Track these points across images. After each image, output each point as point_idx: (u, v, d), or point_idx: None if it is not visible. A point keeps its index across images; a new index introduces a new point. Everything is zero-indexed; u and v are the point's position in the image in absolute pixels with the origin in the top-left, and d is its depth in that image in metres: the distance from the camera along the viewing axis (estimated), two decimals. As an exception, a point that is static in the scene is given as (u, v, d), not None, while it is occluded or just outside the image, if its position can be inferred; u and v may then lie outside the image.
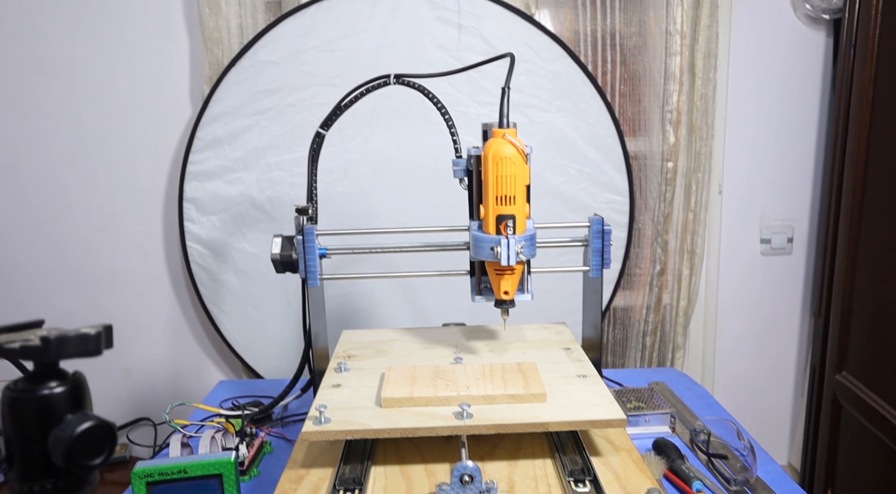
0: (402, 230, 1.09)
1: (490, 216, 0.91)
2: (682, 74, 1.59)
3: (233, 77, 1.58)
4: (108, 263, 1.73)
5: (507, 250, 0.89)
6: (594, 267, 1.03)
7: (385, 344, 1.09)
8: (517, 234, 0.91)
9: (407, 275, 1.10)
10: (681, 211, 1.67)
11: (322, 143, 1.13)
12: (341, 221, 1.63)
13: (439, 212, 1.60)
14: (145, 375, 1.78)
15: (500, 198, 0.90)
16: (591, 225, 1.02)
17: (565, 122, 1.61)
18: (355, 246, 1.06)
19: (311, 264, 1.02)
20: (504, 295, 0.94)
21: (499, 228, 0.91)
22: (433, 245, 1.06)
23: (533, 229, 0.94)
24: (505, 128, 0.91)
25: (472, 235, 0.94)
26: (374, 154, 1.62)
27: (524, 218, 0.92)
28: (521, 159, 0.90)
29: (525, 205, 0.92)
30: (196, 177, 1.61)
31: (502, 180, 0.90)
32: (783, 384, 1.80)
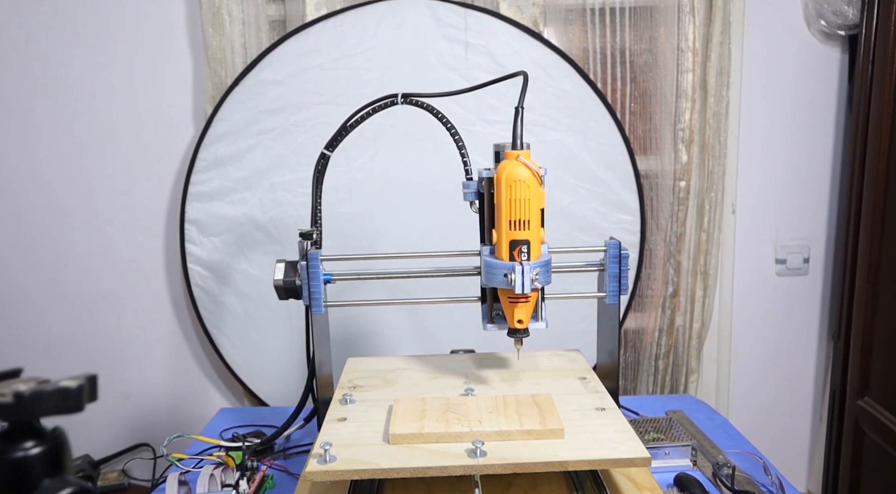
0: (409, 255, 1.04)
1: (503, 242, 0.87)
2: (694, 91, 1.55)
3: (236, 96, 1.54)
4: (108, 285, 1.68)
5: (521, 277, 0.84)
6: (611, 293, 0.98)
7: (392, 373, 1.04)
8: (532, 260, 0.86)
9: (416, 302, 1.05)
10: (693, 231, 1.63)
11: (327, 164, 1.09)
12: (345, 242, 1.58)
13: (446, 233, 1.55)
14: (145, 399, 1.72)
15: (514, 222, 0.86)
16: (608, 249, 0.98)
17: (574, 140, 1.57)
18: (361, 271, 1.02)
19: (315, 290, 0.97)
20: (518, 324, 0.89)
21: (512, 254, 0.86)
22: (442, 270, 1.01)
23: (548, 254, 0.90)
24: (519, 149, 0.87)
25: (483, 260, 0.90)
26: (379, 174, 1.58)
27: (539, 243, 0.88)
28: (536, 182, 0.86)
29: (540, 229, 0.88)
30: (198, 198, 1.57)
31: (516, 204, 0.85)
32: (800, 408, 1.74)
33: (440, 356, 1.11)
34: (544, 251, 0.90)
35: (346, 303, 1.04)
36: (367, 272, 1.01)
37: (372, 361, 1.10)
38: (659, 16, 1.58)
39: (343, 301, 1.04)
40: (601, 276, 1.01)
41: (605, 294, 0.99)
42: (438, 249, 1.61)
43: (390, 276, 1.01)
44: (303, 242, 1.00)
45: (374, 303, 1.03)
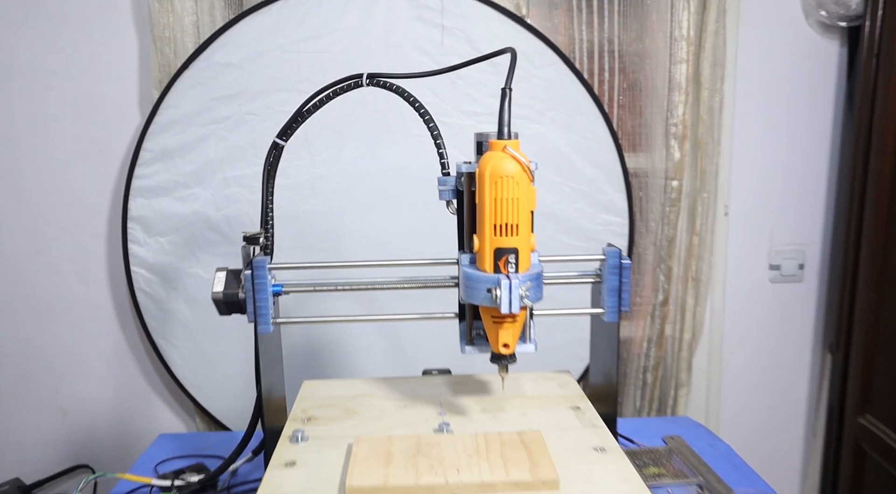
0: (375, 264, 0.87)
1: (486, 250, 0.70)
2: (688, 83, 1.41)
3: (186, 81, 1.36)
4: (43, 290, 1.48)
5: (508, 293, 0.68)
6: (609, 309, 0.82)
7: (354, 401, 0.87)
8: (520, 272, 0.70)
9: (382, 319, 0.88)
10: (685, 234, 1.48)
11: (280, 156, 0.92)
12: (308, 242, 1.41)
13: (421, 234, 1.39)
14: (84, 416, 1.53)
15: (500, 227, 0.70)
16: (607, 258, 0.82)
17: (559, 135, 1.41)
18: (320, 281, 0.85)
19: (262, 304, 0.80)
20: (503, 349, 0.73)
21: (497, 264, 0.70)
22: (414, 281, 0.85)
23: (539, 265, 0.74)
24: (506, 139, 0.71)
25: (462, 272, 0.73)
26: (345, 168, 1.40)
27: (529, 252, 0.72)
28: (526, 178, 0.70)
29: (530, 235, 0.72)
30: (142, 193, 1.38)
31: (502, 205, 0.69)
32: (793, 422, 1.61)
33: (410, 378, 0.95)
34: (535, 261, 0.74)
35: (301, 320, 0.87)
36: (327, 282, 0.85)
37: (331, 385, 0.93)
38: (651, 1, 1.43)
39: (297, 318, 0.87)
40: (596, 289, 0.86)
41: (603, 311, 0.83)
42: (413, 252, 1.44)
43: (353, 287, 0.84)
44: (248, 247, 0.82)
45: (334, 320, 0.85)
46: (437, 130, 0.82)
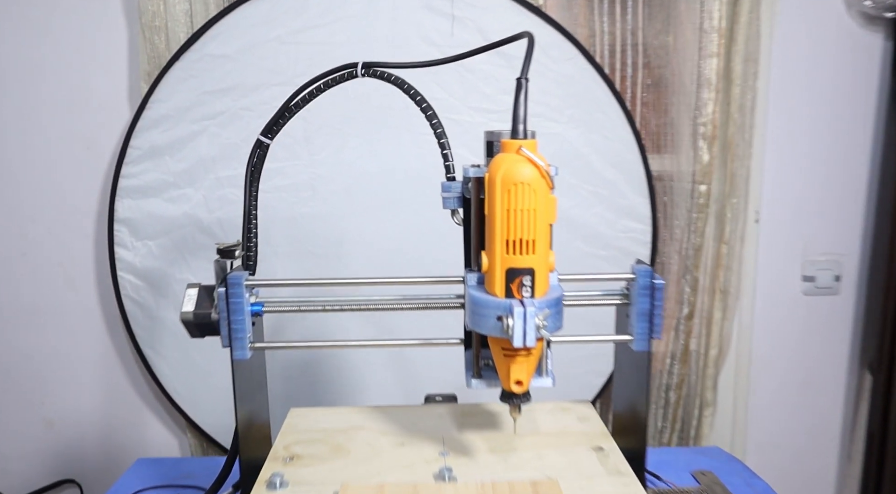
0: (370, 282, 0.75)
1: (497, 270, 0.59)
2: (718, 79, 1.28)
3: (176, 73, 1.25)
4: (29, 294, 1.38)
5: (522, 323, 0.56)
6: (639, 336, 0.70)
7: (345, 435, 0.76)
8: (537, 297, 0.58)
9: (377, 345, 0.77)
10: (712, 243, 1.35)
11: (265, 155, 0.81)
12: (307, 247, 1.30)
13: (427, 239, 1.27)
14: (71, 427, 1.43)
15: (513, 243, 0.58)
16: (637, 277, 0.70)
17: (577, 134, 1.29)
18: (305, 299, 0.73)
19: (237, 326, 0.68)
20: (516, 386, 0.61)
21: (509, 287, 0.58)
22: (414, 301, 0.73)
23: (559, 288, 0.62)
24: (521, 138, 0.59)
25: (469, 295, 0.62)
26: (346, 168, 1.29)
27: (547, 272, 0.60)
28: (545, 185, 0.58)
29: (549, 253, 0.60)
30: (130, 193, 1.28)
31: (517, 217, 0.57)
32: (827, 446, 1.48)
33: (410, 408, 0.83)
34: (554, 283, 0.62)
35: (285, 345, 0.76)
36: (314, 301, 0.73)
37: (320, 414, 0.81)
38: (678, -10, 1.31)
39: (280, 342, 0.76)
40: (623, 311, 0.73)
41: (631, 338, 0.71)
42: (419, 259, 1.34)
43: (344, 307, 0.72)
44: (222, 261, 0.71)
45: (320, 346, 0.74)
46: (441, 128, 0.70)
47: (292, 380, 1.32)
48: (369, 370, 1.32)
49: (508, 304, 0.57)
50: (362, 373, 1.32)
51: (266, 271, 1.34)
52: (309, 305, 0.72)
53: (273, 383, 1.34)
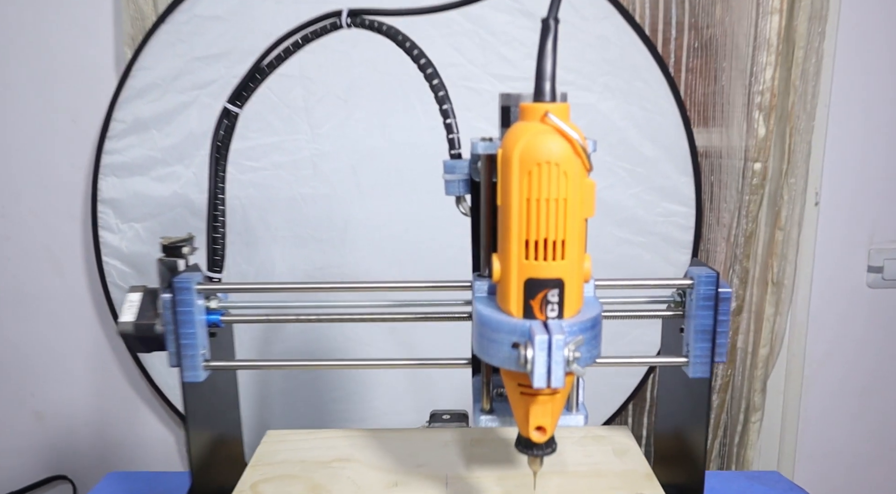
0: (354, 286, 0.59)
1: (513, 280, 0.42)
2: (779, 41, 1.08)
3: (163, 37, 1.09)
4: (13, 280, 1.26)
5: (545, 356, 0.40)
6: (697, 360, 0.53)
7: (327, 469, 0.61)
8: (566, 317, 0.42)
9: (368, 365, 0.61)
10: (765, 228, 1.17)
11: (233, 127, 0.65)
12: (307, 231, 1.15)
13: (441, 223, 1.11)
14: (62, 420, 1.31)
15: (536, 245, 0.41)
16: (695, 284, 0.53)
17: (613, 105, 1.11)
18: (277, 306, 0.58)
19: (188, 342, 0.53)
20: (536, 433, 0.45)
21: (529, 304, 0.42)
22: (412, 309, 0.57)
23: (597, 304, 0.45)
24: (546, 100, 0.42)
25: (476, 311, 0.46)
26: (351, 145, 1.13)
27: (580, 283, 0.43)
28: (579, 165, 0.41)
29: (583, 258, 0.43)
30: (114, 171, 1.14)
31: (540, 209, 0.41)
32: (888, 458, 1.30)
33: (410, 433, 0.67)
34: (590, 297, 0.46)
35: (250, 363, 0.61)
36: (287, 307, 0.58)
37: (301, 440, 0.66)
38: (733, -63, 1.11)
39: (245, 361, 0.61)
40: (671, 326, 0.57)
41: (686, 360, 0.54)
42: (432, 246, 1.18)
43: (322, 317, 0.57)
44: (168, 261, 0.55)
45: (296, 365, 0.58)
46: (444, 90, 0.54)
47: (293, 377, 1.19)
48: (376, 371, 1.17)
49: (527, 328, 0.41)
50: (369, 372, 1.18)
51: (263, 258, 1.20)
52: (280, 315, 0.56)
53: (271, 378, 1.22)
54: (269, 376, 1.20)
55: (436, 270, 1.12)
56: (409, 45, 0.54)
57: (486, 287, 0.47)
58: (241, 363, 0.58)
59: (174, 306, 0.52)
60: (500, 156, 0.42)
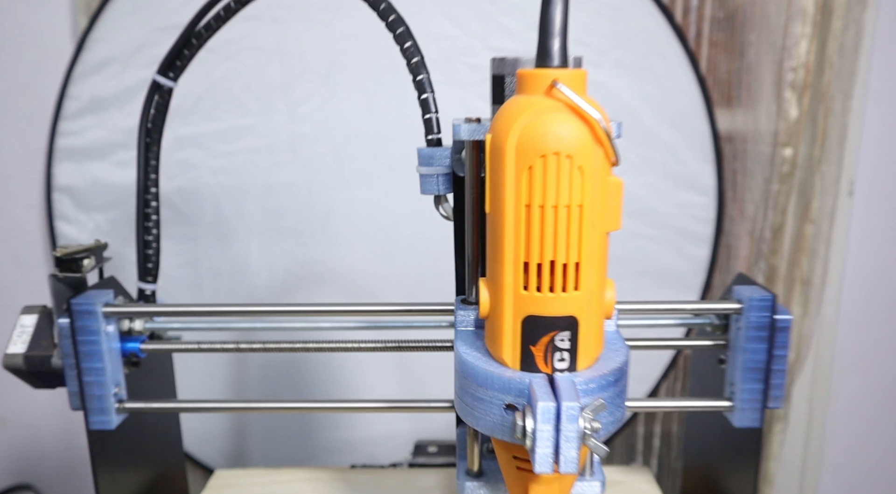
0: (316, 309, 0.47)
1: (506, 318, 0.30)
2: (816, 10, 0.94)
3: (121, 4, 0.96)
4: (-32, 273, 1.14)
5: (552, 431, 0.28)
6: (744, 404, 0.41)
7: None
8: (581, 368, 0.30)
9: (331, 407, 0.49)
10: (794, 221, 1.04)
11: (167, 104, 0.53)
12: (286, 223, 1.03)
13: (431, 216, 0.98)
14: (25, 426, 1.20)
15: (540, 268, 0.29)
16: (744, 308, 0.40)
17: (626, 83, 0.97)
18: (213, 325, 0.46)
19: (94, 379, 0.41)
20: (537, 524, 0.33)
21: (529, 351, 0.30)
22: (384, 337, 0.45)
23: (621, 345, 0.33)
24: (555, 65, 0.29)
25: (457, 354, 0.33)
26: (335, 126, 1.00)
27: (600, 322, 0.31)
28: (602, 158, 0.28)
29: (604, 285, 0.31)
30: (70, 155, 1.01)
31: (546, 219, 0.28)
32: (920, 469, 1.19)
33: (384, 473, 0.56)
34: (611, 333, 0.33)
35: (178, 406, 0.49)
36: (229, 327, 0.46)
37: (253, 481, 0.54)
38: None
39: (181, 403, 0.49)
40: (706, 358, 0.45)
41: (730, 405, 0.42)
42: (425, 237, 1.07)
43: (269, 346, 0.44)
44: (67, 278, 0.43)
45: (246, 408, 0.46)
46: (420, 56, 0.41)
47: (273, 381, 1.07)
48: (363, 371, 1.05)
49: (526, 385, 0.29)
50: (354, 373, 1.06)
51: (237, 252, 1.08)
52: (223, 346, 0.44)
53: (250, 379, 1.10)
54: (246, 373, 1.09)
55: (431, 267, 1.00)
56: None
57: (473, 319, 0.35)
58: (169, 404, 0.46)
59: (74, 335, 0.40)
60: (488, 144, 0.30)
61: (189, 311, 0.44)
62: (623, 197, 0.30)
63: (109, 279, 0.46)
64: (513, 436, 0.30)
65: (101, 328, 0.41)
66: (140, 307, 0.43)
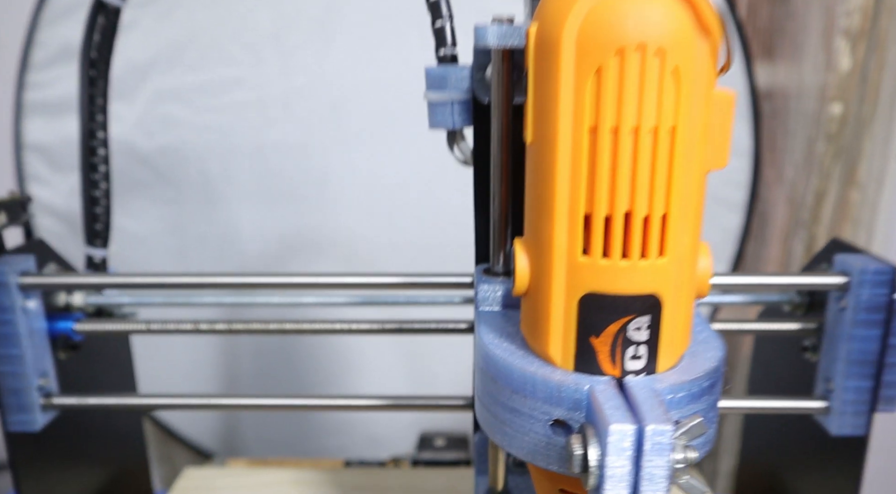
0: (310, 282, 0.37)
1: (554, 295, 0.20)
2: (875, -56, 0.83)
3: (93, -61, 0.85)
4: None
5: (629, 467, 0.18)
6: (846, 409, 0.32)
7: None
8: (662, 369, 0.20)
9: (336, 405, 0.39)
10: (838, 185, 0.94)
11: (114, 30, 0.43)
12: (278, 187, 0.93)
13: (442, 174, 0.88)
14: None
15: (608, 223, 0.19)
16: (853, 283, 0.31)
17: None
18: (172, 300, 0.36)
19: (10, 369, 0.32)
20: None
21: (589, 344, 0.20)
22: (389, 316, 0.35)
23: (712, 334, 0.23)
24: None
25: (480, 346, 0.24)
26: (331, 79, 0.90)
27: (692, 302, 0.21)
28: (708, 58, 0.18)
29: (698, 248, 0.21)
30: (40, 110, 0.91)
31: (620, 148, 0.18)
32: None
33: (381, 472, 0.47)
34: (701, 324, 0.23)
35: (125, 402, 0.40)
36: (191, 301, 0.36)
37: (228, 480, 0.46)
38: None
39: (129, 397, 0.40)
40: (784, 346, 0.35)
41: (825, 406, 0.32)
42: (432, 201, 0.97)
43: (234, 326, 0.35)
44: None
45: (211, 405, 0.36)
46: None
47: (265, 356, 0.99)
48: (365, 354, 0.96)
49: (584, 395, 0.19)
50: (355, 355, 0.97)
51: (226, 219, 0.97)
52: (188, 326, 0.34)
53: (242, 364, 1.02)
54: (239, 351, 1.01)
55: (441, 236, 0.90)
56: None
57: (500, 295, 0.25)
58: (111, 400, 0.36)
59: (-19, 314, 0.31)
60: (532, 39, 0.20)
61: (140, 282, 0.35)
62: (733, 121, 0.20)
63: (36, 243, 0.37)
64: (564, 466, 0.20)
65: (17, 303, 0.31)
66: (70, 278, 0.34)
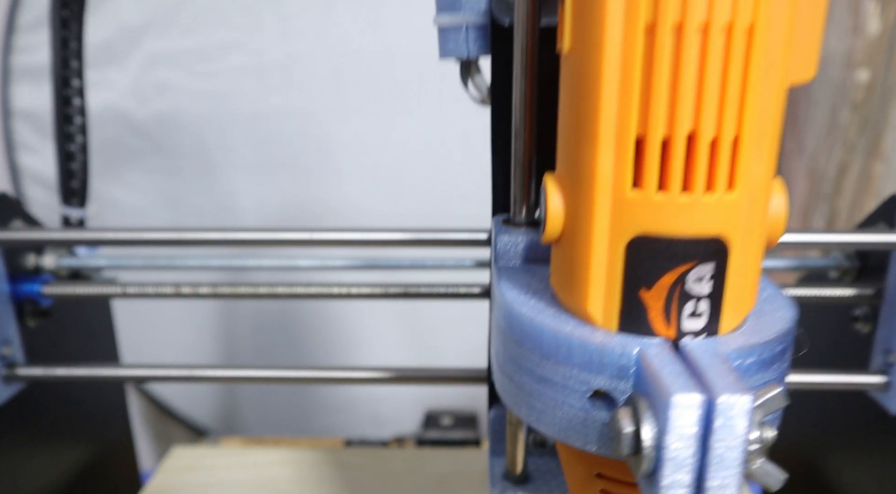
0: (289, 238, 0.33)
1: (596, 239, 0.16)
2: None
3: None
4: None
5: (692, 451, 0.15)
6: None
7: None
8: (726, 330, 0.16)
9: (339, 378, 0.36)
10: (861, 157, 0.89)
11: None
12: (279, 156, 0.89)
13: (449, 147, 0.85)
14: None
15: (666, 148, 0.15)
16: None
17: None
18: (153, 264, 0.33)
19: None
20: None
21: (638, 298, 0.16)
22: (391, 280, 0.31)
23: (779, 293, 0.19)
24: None
25: (501, 303, 0.20)
26: (333, 44, 0.85)
27: (763, 246, 0.17)
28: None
29: (771, 185, 0.17)
30: (28, 75, 0.87)
31: (684, 54, 0.14)
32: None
33: (381, 453, 0.43)
34: (767, 281, 0.20)
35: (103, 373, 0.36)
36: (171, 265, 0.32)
37: (217, 460, 0.42)
38: None
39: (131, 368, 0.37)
40: (811, 317, 0.31)
41: (885, 381, 0.29)
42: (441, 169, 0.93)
43: (217, 291, 0.31)
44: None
45: (203, 377, 0.32)
46: None
47: (265, 331, 0.96)
48: (366, 330, 0.93)
49: (633, 360, 0.16)
50: (356, 326, 0.94)
51: (223, 189, 0.93)
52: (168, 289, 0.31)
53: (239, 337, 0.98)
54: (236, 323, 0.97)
55: (446, 206, 0.86)
56: None
57: (522, 249, 0.21)
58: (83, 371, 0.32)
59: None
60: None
61: (115, 238, 0.31)
62: (825, 23, 0.16)
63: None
64: (605, 446, 0.17)
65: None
66: (35, 233, 0.30)
